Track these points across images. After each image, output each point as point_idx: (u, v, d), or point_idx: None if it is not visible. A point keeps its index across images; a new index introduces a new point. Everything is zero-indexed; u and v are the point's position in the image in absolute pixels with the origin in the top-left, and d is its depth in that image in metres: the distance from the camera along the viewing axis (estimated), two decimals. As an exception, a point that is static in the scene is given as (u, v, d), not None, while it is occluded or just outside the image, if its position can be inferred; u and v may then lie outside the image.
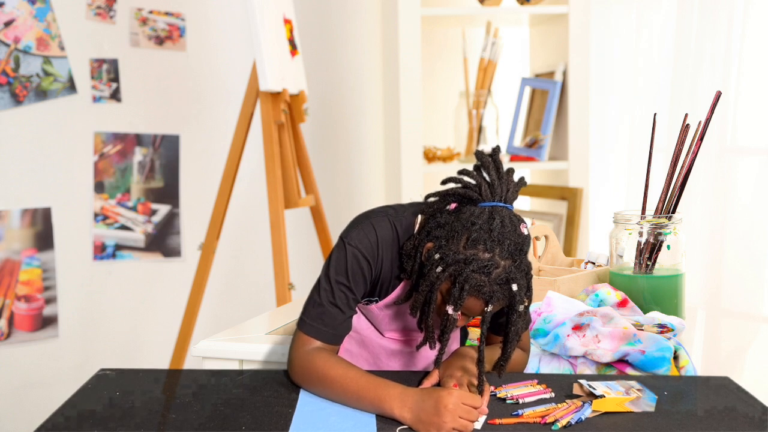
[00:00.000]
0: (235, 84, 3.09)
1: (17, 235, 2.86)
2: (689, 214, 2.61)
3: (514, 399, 1.43)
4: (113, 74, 3.00)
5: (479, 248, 1.37)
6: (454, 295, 1.37)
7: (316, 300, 1.51)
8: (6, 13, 2.79)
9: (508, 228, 1.39)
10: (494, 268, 1.37)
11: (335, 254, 1.52)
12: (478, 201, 1.43)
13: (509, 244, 1.38)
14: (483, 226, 1.38)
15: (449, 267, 1.38)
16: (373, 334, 1.61)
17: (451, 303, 1.37)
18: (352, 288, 1.51)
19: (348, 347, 1.62)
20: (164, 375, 1.65)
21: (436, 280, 1.40)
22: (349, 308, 1.52)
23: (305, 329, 1.51)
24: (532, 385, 1.49)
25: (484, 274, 1.36)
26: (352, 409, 1.40)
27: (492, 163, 1.45)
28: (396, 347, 1.61)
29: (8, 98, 2.80)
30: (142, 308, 3.13)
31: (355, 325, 1.59)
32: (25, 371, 2.89)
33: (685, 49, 2.78)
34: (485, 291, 1.37)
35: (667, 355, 1.63)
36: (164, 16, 3.07)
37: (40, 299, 2.89)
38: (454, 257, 1.38)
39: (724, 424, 1.32)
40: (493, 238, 1.37)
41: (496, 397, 1.44)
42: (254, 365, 1.72)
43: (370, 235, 1.51)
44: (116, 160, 3.04)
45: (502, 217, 1.40)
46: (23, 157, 2.86)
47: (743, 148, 2.68)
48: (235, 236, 3.14)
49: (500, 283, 1.37)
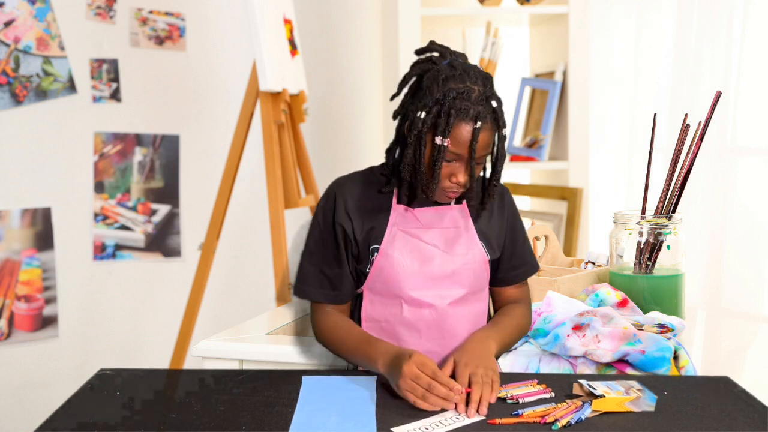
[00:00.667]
0: (235, 84, 3.08)
1: (17, 235, 2.86)
2: (689, 214, 2.61)
3: (514, 399, 1.43)
4: (113, 74, 3.00)
5: (450, 83, 1.50)
6: (441, 126, 1.48)
7: (305, 267, 1.65)
8: (6, 13, 2.79)
9: (468, 66, 1.54)
10: (471, 93, 1.49)
11: None
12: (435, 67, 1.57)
13: (475, 73, 1.52)
14: (446, 70, 1.53)
15: (432, 108, 1.49)
16: (392, 315, 1.62)
17: (440, 133, 1.48)
18: (324, 242, 1.62)
19: None
20: (164, 375, 1.66)
21: (422, 126, 1.50)
22: (337, 264, 1.61)
23: (308, 296, 1.65)
24: (532, 385, 1.49)
25: (464, 98, 1.49)
26: (352, 408, 1.40)
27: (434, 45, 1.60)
28: (417, 318, 1.61)
29: (8, 98, 2.80)
30: (142, 308, 3.13)
31: (370, 313, 1.61)
32: (25, 371, 2.89)
33: (685, 49, 2.78)
34: (470, 111, 1.48)
35: (667, 355, 1.63)
36: (164, 16, 3.07)
37: (40, 299, 2.89)
38: (432, 100, 1.50)
39: (724, 424, 1.32)
40: (460, 72, 1.51)
41: (497, 397, 1.44)
42: (254, 365, 1.72)
43: (328, 188, 1.67)
44: (116, 160, 3.04)
45: (461, 62, 1.55)
46: (23, 157, 2.86)
47: (743, 148, 2.69)
48: (235, 236, 3.14)
49: (481, 103, 1.50)
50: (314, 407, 1.40)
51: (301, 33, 2.98)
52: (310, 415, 1.37)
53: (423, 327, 1.60)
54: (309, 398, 1.45)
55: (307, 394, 1.46)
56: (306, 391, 1.48)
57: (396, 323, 1.60)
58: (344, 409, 1.39)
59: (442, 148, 1.49)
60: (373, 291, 1.62)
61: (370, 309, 1.62)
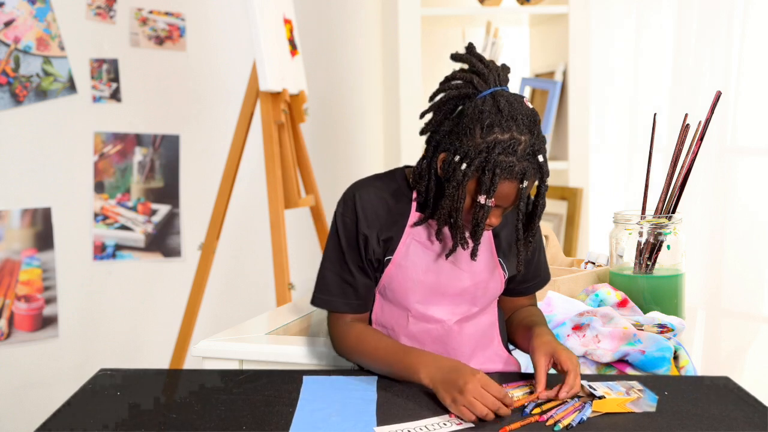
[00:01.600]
0: (235, 84, 3.08)
1: (17, 235, 2.86)
2: (689, 214, 2.61)
3: None
4: (113, 74, 3.00)
5: (496, 132, 1.38)
6: (486, 184, 1.37)
7: (327, 276, 1.56)
8: (6, 13, 2.79)
9: (515, 105, 1.40)
10: (518, 145, 1.38)
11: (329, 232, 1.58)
12: (476, 94, 1.43)
13: (522, 118, 1.39)
14: (492, 111, 1.39)
15: (474, 160, 1.38)
16: (398, 325, 1.57)
17: (483, 192, 1.38)
18: (346, 251, 1.53)
19: None
20: (164, 375, 1.65)
21: (462, 178, 1.39)
22: (361, 272, 1.54)
23: (331, 306, 1.57)
24: (530, 385, 1.48)
25: (510, 154, 1.37)
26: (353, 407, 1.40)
27: (473, 57, 1.46)
28: (422, 332, 1.57)
29: (8, 98, 2.80)
30: (142, 308, 3.13)
31: (379, 318, 1.59)
32: (25, 371, 2.89)
33: (685, 49, 2.78)
34: (516, 170, 1.38)
35: (667, 355, 1.63)
36: (164, 16, 3.07)
37: (40, 299, 2.89)
38: (475, 150, 1.38)
39: (724, 423, 1.32)
40: (506, 118, 1.38)
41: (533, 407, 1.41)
42: (254, 365, 1.72)
43: (346, 194, 1.56)
44: (116, 160, 3.04)
45: (506, 97, 1.40)
46: (23, 157, 2.86)
47: (743, 148, 2.69)
48: (235, 236, 3.14)
49: (528, 158, 1.39)
50: (315, 407, 1.40)
51: (301, 33, 2.98)
52: (310, 414, 1.37)
53: (428, 341, 1.56)
54: (309, 398, 1.44)
55: (307, 394, 1.46)
56: (306, 391, 1.48)
57: (401, 333, 1.56)
58: (345, 409, 1.39)
59: (486, 208, 1.40)
60: (384, 297, 1.57)
61: (380, 314, 1.58)
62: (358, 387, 1.50)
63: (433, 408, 1.39)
